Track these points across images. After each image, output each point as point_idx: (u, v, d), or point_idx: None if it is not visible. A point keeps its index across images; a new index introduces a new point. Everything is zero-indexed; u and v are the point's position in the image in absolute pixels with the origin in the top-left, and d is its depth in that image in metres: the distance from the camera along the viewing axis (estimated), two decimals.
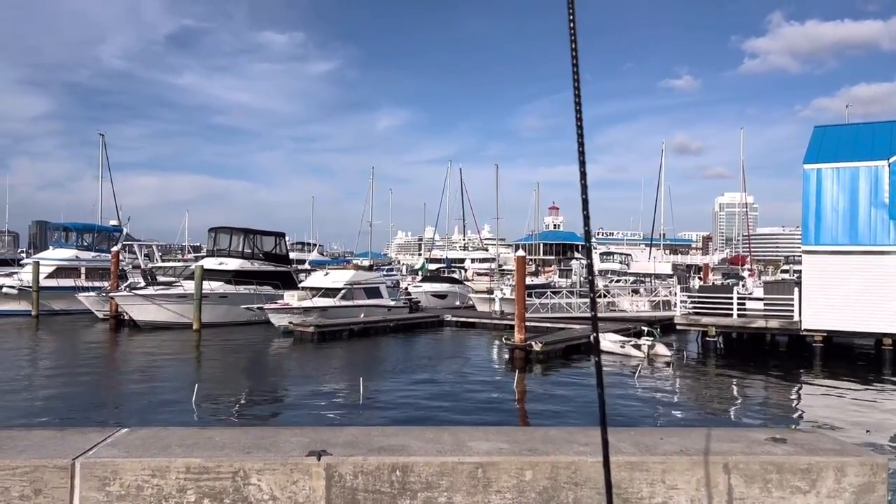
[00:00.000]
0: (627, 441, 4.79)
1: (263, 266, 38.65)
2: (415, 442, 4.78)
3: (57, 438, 4.86)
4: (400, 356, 26.59)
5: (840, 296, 22.94)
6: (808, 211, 23.88)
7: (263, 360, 26.01)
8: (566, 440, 4.85)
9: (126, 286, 35.47)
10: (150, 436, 5.00)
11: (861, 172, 23.09)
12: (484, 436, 5.02)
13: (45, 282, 39.08)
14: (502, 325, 34.27)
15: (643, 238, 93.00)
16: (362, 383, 17.37)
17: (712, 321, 26.20)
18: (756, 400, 18.67)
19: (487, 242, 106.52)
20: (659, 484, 4.41)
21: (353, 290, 35.45)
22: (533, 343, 24.11)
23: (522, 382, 19.59)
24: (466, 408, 16.41)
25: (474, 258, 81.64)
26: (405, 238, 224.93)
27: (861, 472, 4.43)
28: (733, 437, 5.17)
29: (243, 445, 4.67)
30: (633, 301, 39.05)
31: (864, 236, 22.89)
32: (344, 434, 5.17)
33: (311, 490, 4.39)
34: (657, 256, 66.85)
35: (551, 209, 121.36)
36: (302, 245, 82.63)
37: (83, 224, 46.99)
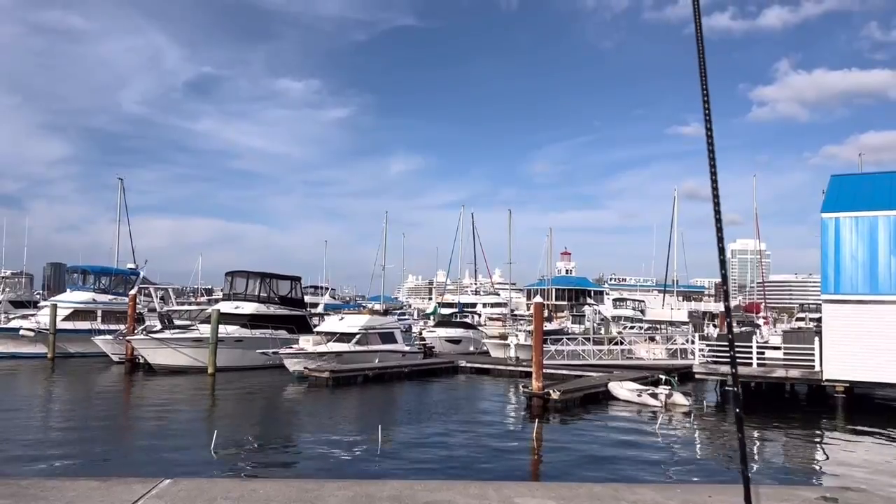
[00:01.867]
0: (675, 499, 4.75)
1: (279, 310, 38.72)
2: (460, 498, 4.76)
3: (102, 490, 4.87)
4: (415, 403, 26.36)
5: (862, 346, 22.68)
6: (827, 260, 23.79)
7: (279, 406, 25.85)
8: (613, 497, 4.81)
9: (142, 329, 35.57)
10: (194, 488, 5.01)
11: (880, 221, 23.06)
12: (529, 491, 4.99)
13: (61, 324, 39.26)
14: (518, 371, 34.00)
15: (656, 284, 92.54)
16: (380, 431, 17.20)
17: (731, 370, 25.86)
18: (784, 453, 18.30)
19: (499, 287, 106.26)
20: None
21: (368, 335, 35.39)
22: (551, 391, 23.87)
23: (542, 432, 19.34)
24: (489, 458, 16.18)
25: (486, 303, 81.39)
26: (416, 282, 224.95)
27: None
28: (783, 496, 5.10)
29: (288, 498, 4.66)
30: (649, 349, 38.70)
31: (884, 286, 22.73)
32: (388, 487, 5.15)
33: None
34: (672, 303, 66.44)
35: (563, 254, 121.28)
36: (315, 288, 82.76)
37: (101, 267, 47.40)
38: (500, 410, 25.01)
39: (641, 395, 24.93)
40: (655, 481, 5.33)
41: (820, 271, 24.33)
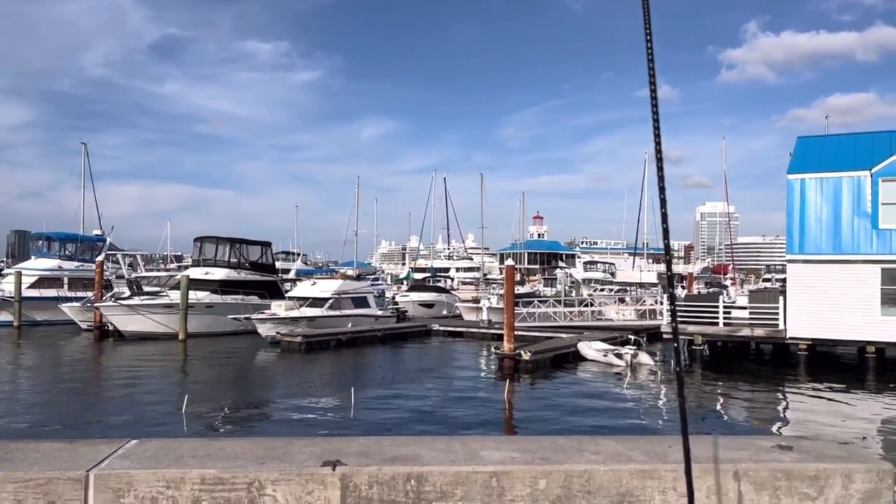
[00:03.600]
0: (637, 450, 4.85)
1: (250, 276, 38.45)
2: (427, 451, 4.80)
3: (67, 450, 4.83)
4: (388, 366, 26.53)
5: (824, 304, 23.25)
6: (793, 220, 24.20)
7: (251, 371, 25.84)
8: (576, 449, 4.89)
9: (111, 296, 35.12)
10: (162, 447, 4.99)
11: (844, 182, 23.47)
12: (495, 445, 5.05)
13: (27, 292, 38.58)
14: (490, 334, 34.32)
15: (626, 247, 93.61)
16: (353, 394, 17.31)
17: (698, 330, 26.40)
18: (747, 408, 18.84)
19: (472, 252, 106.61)
20: (671, 492, 4.47)
21: (340, 299, 35.36)
22: (522, 352, 24.17)
23: (513, 391, 19.64)
24: (460, 418, 16.42)
25: (459, 267, 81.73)
26: (389, 247, 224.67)
27: (868, 478, 4.51)
28: (740, 445, 5.24)
29: (256, 456, 4.67)
30: (619, 310, 39.27)
31: (847, 245, 23.23)
32: (355, 444, 5.19)
33: (327, 500, 4.40)
34: (641, 266, 67.33)
35: (535, 218, 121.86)
36: (286, 254, 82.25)
37: (66, 234, 46.49)
38: (472, 372, 25.29)
39: (607, 355, 25.35)
40: (619, 434, 5.51)
41: (786, 232, 24.79)
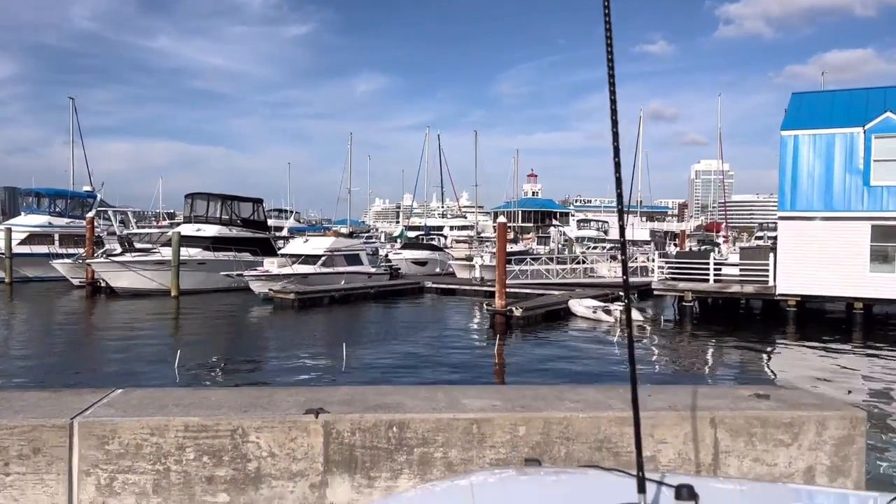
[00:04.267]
0: (617, 398, 4.92)
1: (242, 233, 38.35)
2: (410, 400, 4.87)
3: (52, 399, 4.88)
4: (381, 323, 26.69)
5: (814, 261, 23.39)
6: (785, 177, 24.19)
7: (244, 327, 25.97)
8: (557, 397, 4.96)
9: (102, 253, 35.03)
10: (146, 396, 5.04)
11: (837, 139, 23.39)
12: (477, 394, 5.12)
13: (17, 248, 38.43)
14: (482, 291, 34.48)
15: None
16: (345, 349, 17.44)
17: (689, 286, 26.58)
18: (733, 361, 19.11)
19: (466, 210, 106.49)
20: (648, 438, 4.54)
21: (333, 256, 35.38)
22: (513, 309, 24.33)
23: (503, 346, 19.83)
24: (449, 371, 16.60)
25: (453, 225, 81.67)
26: (383, 205, 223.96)
27: (841, 425, 4.60)
28: (719, 394, 5.33)
29: (240, 405, 4.72)
30: (610, 267, 39.44)
31: (838, 202, 23.28)
32: (340, 393, 5.25)
33: (310, 447, 4.47)
34: (634, 223, 67.39)
35: (530, 176, 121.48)
36: (279, 212, 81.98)
37: (55, 190, 46.12)
38: (463, 328, 25.48)
39: (597, 311, 25.53)
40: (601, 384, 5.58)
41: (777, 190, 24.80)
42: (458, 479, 2.06)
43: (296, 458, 4.44)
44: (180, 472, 4.36)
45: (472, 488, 1.93)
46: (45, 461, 4.29)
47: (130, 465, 4.33)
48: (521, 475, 2.02)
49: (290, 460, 4.44)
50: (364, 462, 4.46)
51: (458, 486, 1.97)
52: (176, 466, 4.36)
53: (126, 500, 4.31)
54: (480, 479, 1.99)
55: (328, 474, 4.45)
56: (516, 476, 2.03)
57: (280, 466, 4.43)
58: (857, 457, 4.55)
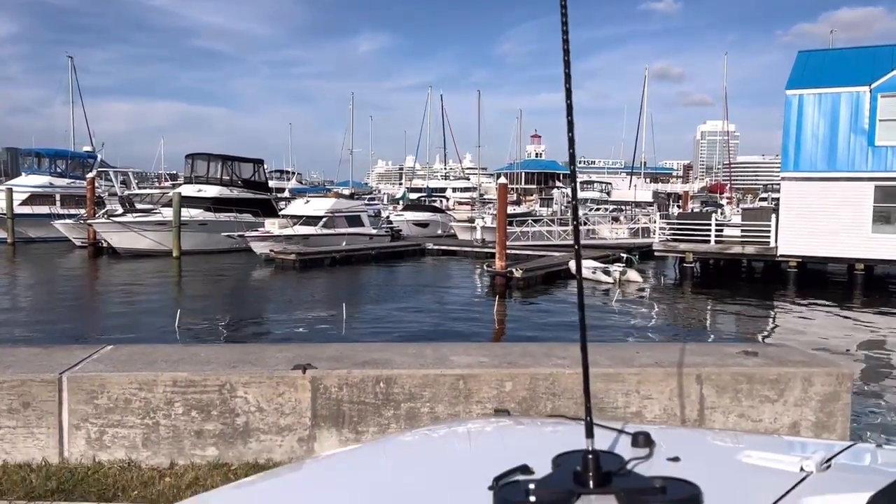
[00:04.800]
0: (604, 355, 4.93)
1: (242, 193, 38.25)
2: (398, 356, 4.89)
3: (43, 355, 4.91)
4: (382, 284, 26.77)
5: (816, 222, 23.29)
6: (789, 137, 23.94)
7: (245, 288, 26.08)
8: (545, 354, 4.98)
9: (103, 213, 35.03)
10: (136, 352, 5.07)
11: (842, 98, 23.07)
12: (465, 350, 5.14)
13: (19, 209, 38.38)
14: (483, 253, 34.47)
15: (624, 166, 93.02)
16: (344, 309, 17.52)
17: (690, 247, 26.53)
18: (730, 320, 19.17)
19: (469, 171, 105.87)
20: (634, 394, 4.57)
21: (334, 218, 35.32)
22: (514, 270, 24.35)
23: (502, 306, 19.90)
24: (448, 329, 16.70)
25: (455, 187, 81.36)
26: (386, 167, 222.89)
27: (827, 381, 4.61)
28: (707, 351, 5.34)
29: (229, 360, 4.75)
30: (612, 229, 39.35)
31: (842, 163, 23.07)
32: (329, 349, 5.28)
33: (297, 401, 4.50)
34: (638, 185, 67.07)
35: (533, 137, 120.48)
36: (280, 173, 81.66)
37: (56, 150, 45.88)
38: (463, 289, 25.55)
39: (596, 272, 25.49)
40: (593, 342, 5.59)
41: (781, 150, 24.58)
42: (421, 429, 2.06)
43: (284, 413, 4.49)
44: (169, 426, 4.41)
45: (432, 434, 1.93)
46: (35, 415, 4.34)
47: (120, 419, 4.38)
48: (486, 424, 2.03)
49: (279, 415, 4.48)
50: (352, 416, 4.50)
51: (420, 434, 1.97)
52: (165, 421, 4.41)
53: (116, 454, 4.36)
54: (445, 427, 2.00)
55: (316, 428, 4.50)
56: (481, 425, 2.03)
57: (268, 421, 4.48)
58: (843, 413, 4.58)
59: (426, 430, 2.04)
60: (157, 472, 4.18)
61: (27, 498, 3.81)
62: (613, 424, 1.76)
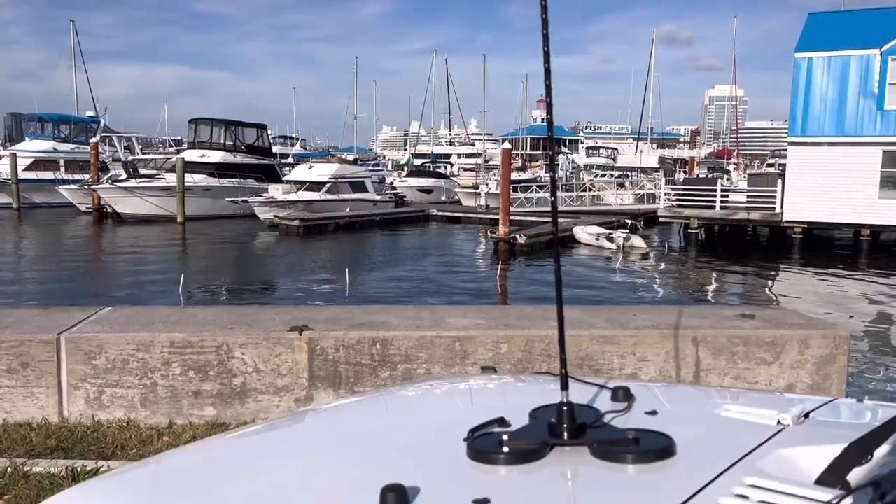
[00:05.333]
0: (601, 317, 4.93)
1: (246, 159, 38.13)
2: (395, 318, 4.90)
3: (41, 316, 4.94)
4: (386, 249, 26.80)
5: (822, 187, 23.11)
6: (797, 101, 23.65)
7: (249, 253, 26.15)
8: (541, 316, 4.98)
9: (107, 178, 35.01)
10: (133, 314, 5.09)
11: (852, 61, 22.71)
12: (462, 313, 5.15)
13: (23, 174, 38.39)
14: (487, 219, 34.37)
15: (631, 132, 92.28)
16: (348, 274, 17.56)
17: (695, 213, 26.43)
18: (733, 286, 19.17)
19: (474, 137, 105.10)
20: (629, 356, 4.57)
21: (338, 183, 35.21)
22: (517, 236, 24.31)
23: (505, 272, 19.92)
24: (451, 294, 16.75)
25: (460, 153, 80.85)
26: (390, 133, 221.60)
27: (824, 344, 4.61)
28: (704, 314, 5.34)
29: (226, 322, 4.77)
30: (617, 194, 39.18)
31: (850, 127, 22.81)
32: (326, 312, 5.30)
33: (294, 363, 4.53)
34: (644, 150, 66.58)
35: (539, 102, 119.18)
36: (284, 139, 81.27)
37: (59, 115, 45.68)
38: (467, 255, 25.58)
39: (599, 238, 25.45)
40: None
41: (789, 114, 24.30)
42: (407, 385, 2.07)
43: (280, 374, 4.51)
44: (167, 386, 4.45)
45: (416, 388, 1.94)
46: (34, 375, 4.37)
47: (118, 379, 4.41)
48: (470, 380, 2.03)
49: (275, 375, 4.51)
50: (348, 377, 4.53)
51: (405, 388, 1.98)
52: (163, 381, 4.44)
53: (115, 413, 4.41)
54: (429, 382, 2.00)
55: (313, 389, 4.53)
56: (465, 381, 2.03)
57: (265, 381, 4.51)
58: (838, 375, 4.58)
59: (414, 385, 2.05)
60: (155, 431, 4.23)
61: (27, 455, 3.86)
62: (595, 380, 1.76)
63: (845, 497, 1.05)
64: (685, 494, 1.09)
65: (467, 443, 1.32)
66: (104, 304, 5.53)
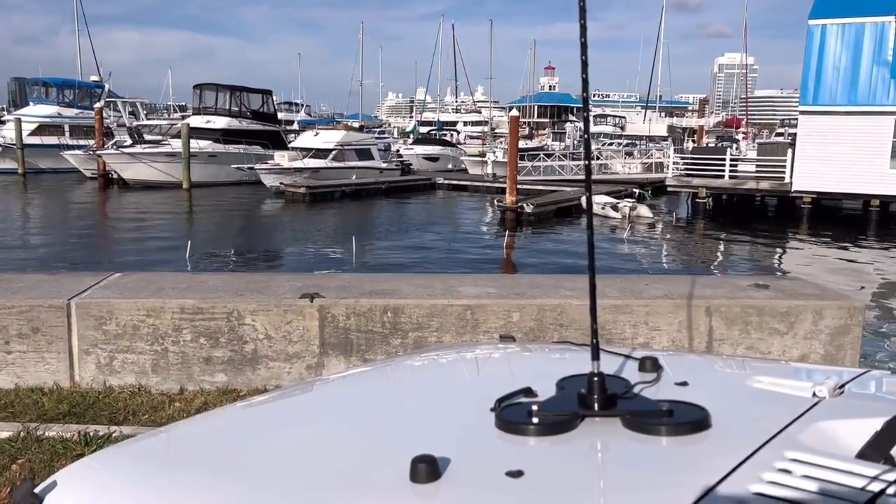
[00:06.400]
0: (614, 287, 4.89)
1: (252, 125, 37.89)
2: (406, 286, 4.87)
3: (51, 281, 4.92)
4: (392, 218, 26.75)
5: (833, 157, 22.85)
6: (809, 70, 23.28)
7: (255, 220, 26.14)
8: (553, 286, 4.94)
9: (113, 144, 34.89)
10: (143, 279, 5.07)
11: (867, 28, 22.29)
12: (473, 281, 5.11)
13: (28, 139, 38.24)
14: (494, 187, 34.21)
15: (640, 100, 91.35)
16: (354, 242, 17.54)
17: (703, 183, 26.23)
18: (741, 256, 19.10)
19: (481, 105, 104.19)
20: (642, 326, 4.54)
21: (343, 151, 35.00)
22: (524, 205, 24.20)
23: (512, 241, 19.89)
24: (457, 263, 16.74)
25: (467, 121, 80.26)
26: (396, 100, 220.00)
27: (838, 315, 4.57)
28: (718, 284, 5.29)
29: (236, 289, 4.75)
30: (625, 163, 38.91)
31: (863, 96, 22.48)
32: (337, 279, 5.27)
33: (305, 330, 4.51)
34: (653, 119, 65.94)
35: (547, 69, 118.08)
36: (289, 105, 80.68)
37: (63, 79, 45.37)
38: (474, 224, 25.50)
39: (605, 207, 25.25)
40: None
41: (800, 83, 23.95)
42: (428, 352, 2.04)
43: (292, 341, 4.50)
44: (178, 352, 4.44)
45: (438, 356, 1.92)
46: (45, 340, 4.37)
47: (129, 345, 4.41)
48: (492, 349, 2.00)
49: (287, 343, 4.50)
50: (359, 345, 4.52)
51: (426, 356, 1.95)
52: (174, 347, 4.44)
53: (126, 379, 4.41)
54: (451, 350, 1.97)
55: (324, 356, 4.52)
56: (487, 349, 2.00)
57: (276, 348, 4.50)
58: (852, 346, 4.55)
59: (433, 352, 2.02)
60: (166, 398, 4.24)
61: (39, 420, 3.87)
62: (621, 350, 1.72)
63: (890, 471, 1.02)
64: (725, 469, 1.05)
65: (495, 413, 1.29)
66: (113, 269, 5.50)
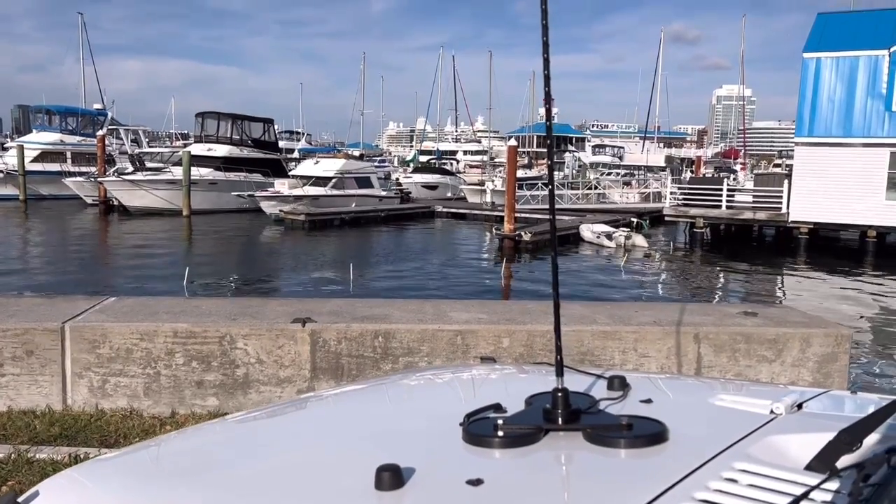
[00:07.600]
0: (603, 313, 4.94)
1: (253, 153, 38.19)
2: (398, 312, 4.92)
3: (46, 305, 4.97)
4: (391, 245, 26.83)
5: (829, 188, 23.02)
6: (805, 101, 23.55)
7: (254, 247, 26.21)
8: (543, 312, 4.99)
9: (114, 171, 35.11)
10: (138, 304, 5.12)
11: (861, 62, 22.61)
12: (464, 307, 5.16)
13: (30, 166, 38.49)
14: (493, 216, 34.36)
15: (638, 131, 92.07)
16: (352, 269, 17.59)
17: (700, 213, 26.36)
18: (737, 285, 19.13)
19: (480, 134, 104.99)
20: (631, 352, 4.58)
21: (343, 179, 35.23)
22: (522, 233, 24.32)
23: (510, 269, 19.94)
24: (455, 290, 16.77)
25: (466, 150, 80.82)
26: (397, 129, 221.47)
27: (825, 342, 4.61)
28: (706, 311, 5.34)
29: (229, 313, 4.79)
30: (623, 193, 39.12)
31: (858, 128, 22.71)
32: (329, 304, 5.31)
33: (297, 354, 4.55)
34: (651, 149, 66.42)
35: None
36: (290, 133, 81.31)
37: (66, 107, 45.81)
38: (472, 251, 25.60)
39: (599, 236, 25.44)
40: None
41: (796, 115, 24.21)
42: (407, 373, 2.09)
43: (283, 365, 4.54)
44: (170, 376, 4.47)
45: (416, 377, 1.96)
46: (38, 363, 4.41)
47: (122, 368, 4.44)
48: (469, 369, 2.05)
49: (278, 367, 4.53)
50: (350, 369, 4.55)
51: (405, 376, 1.99)
52: (166, 371, 4.47)
53: (118, 402, 4.44)
54: (429, 371, 2.02)
55: (315, 380, 4.55)
56: (464, 369, 2.05)
57: (268, 373, 4.53)
58: (840, 374, 4.58)
59: (412, 373, 2.07)
60: (158, 421, 4.26)
61: (31, 442, 3.89)
62: (593, 370, 1.77)
63: (830, 481, 1.06)
64: (675, 478, 1.10)
65: (463, 427, 1.34)
66: (109, 294, 5.55)
